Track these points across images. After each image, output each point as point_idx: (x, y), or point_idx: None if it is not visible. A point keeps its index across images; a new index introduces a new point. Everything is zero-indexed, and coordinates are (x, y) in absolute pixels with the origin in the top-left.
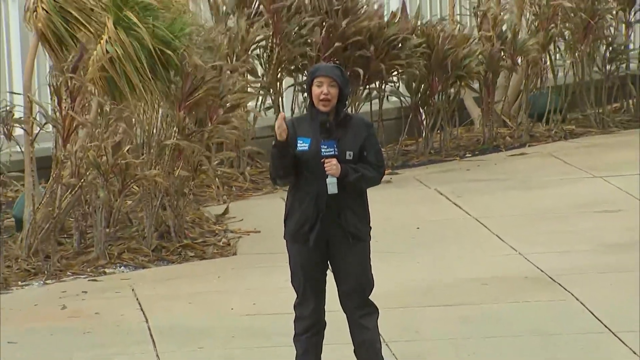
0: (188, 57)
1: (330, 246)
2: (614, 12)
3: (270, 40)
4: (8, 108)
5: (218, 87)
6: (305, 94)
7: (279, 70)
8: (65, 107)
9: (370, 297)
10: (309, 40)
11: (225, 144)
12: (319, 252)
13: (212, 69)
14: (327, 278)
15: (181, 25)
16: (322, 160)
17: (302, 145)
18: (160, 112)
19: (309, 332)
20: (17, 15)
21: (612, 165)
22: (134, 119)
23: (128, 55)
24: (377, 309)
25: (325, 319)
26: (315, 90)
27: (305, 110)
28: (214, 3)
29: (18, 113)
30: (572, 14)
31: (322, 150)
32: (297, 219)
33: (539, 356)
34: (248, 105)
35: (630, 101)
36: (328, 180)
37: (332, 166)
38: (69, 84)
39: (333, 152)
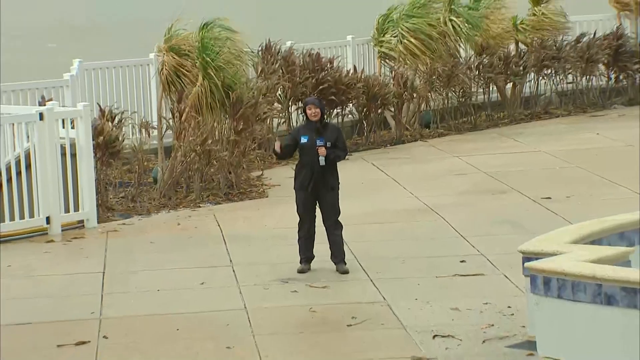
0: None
1: (318, 192)
2: (465, 70)
3: (285, 86)
4: (146, 121)
5: (255, 108)
6: (303, 113)
7: (290, 100)
8: (177, 121)
9: (338, 219)
10: (306, 85)
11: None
12: (312, 196)
13: (251, 97)
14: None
15: (239, 77)
16: (317, 148)
17: (304, 139)
18: (226, 123)
19: (304, 237)
20: (154, 72)
21: (463, 150)
22: (214, 127)
23: (210, 94)
24: (342, 225)
25: (315, 231)
26: (308, 111)
27: (301, 121)
28: (257, 66)
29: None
30: (441, 72)
31: (317, 142)
32: (301, 178)
33: (427, 250)
34: (274, 121)
35: (473, 117)
36: (320, 158)
37: (323, 151)
38: (178, 108)
39: (323, 143)
